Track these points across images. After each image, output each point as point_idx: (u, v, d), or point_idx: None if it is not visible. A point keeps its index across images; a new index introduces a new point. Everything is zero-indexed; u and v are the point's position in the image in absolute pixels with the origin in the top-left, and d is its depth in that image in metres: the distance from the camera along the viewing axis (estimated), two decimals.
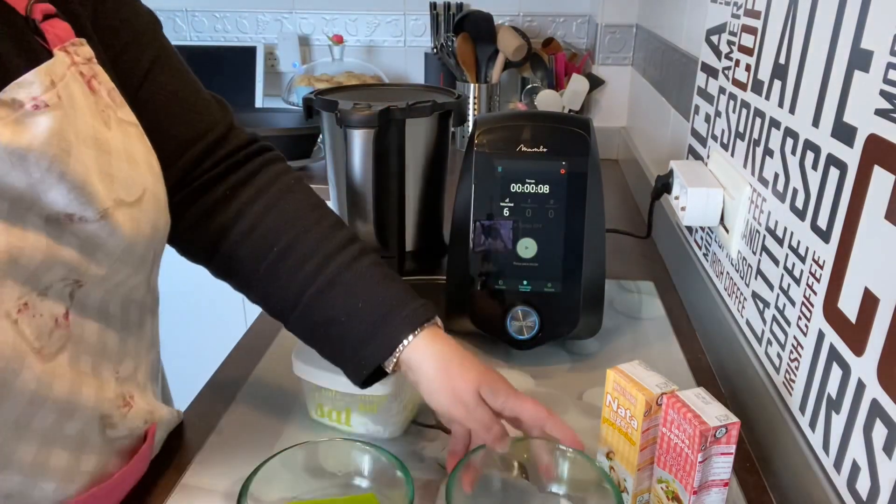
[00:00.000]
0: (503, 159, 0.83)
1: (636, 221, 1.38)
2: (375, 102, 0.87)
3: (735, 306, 0.83)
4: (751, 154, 0.79)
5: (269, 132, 1.66)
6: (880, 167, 0.50)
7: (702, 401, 0.57)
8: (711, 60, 0.97)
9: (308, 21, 2.13)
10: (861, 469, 0.52)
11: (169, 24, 2.17)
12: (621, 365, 0.62)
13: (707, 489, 0.57)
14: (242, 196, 0.66)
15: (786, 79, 0.70)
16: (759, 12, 0.78)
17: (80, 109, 0.49)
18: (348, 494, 0.60)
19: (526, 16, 2.03)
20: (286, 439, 0.72)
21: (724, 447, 0.56)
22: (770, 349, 0.71)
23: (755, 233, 0.77)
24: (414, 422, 0.76)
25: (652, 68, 1.49)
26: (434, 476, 0.68)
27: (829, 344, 0.58)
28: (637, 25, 1.72)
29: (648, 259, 1.20)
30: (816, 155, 0.62)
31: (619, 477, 0.63)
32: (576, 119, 0.86)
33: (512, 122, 0.86)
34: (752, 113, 0.79)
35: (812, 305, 0.61)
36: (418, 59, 2.11)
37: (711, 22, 0.98)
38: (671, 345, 0.91)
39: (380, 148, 0.88)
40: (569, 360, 0.88)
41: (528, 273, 0.84)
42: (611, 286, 1.04)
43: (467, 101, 1.83)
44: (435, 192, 0.98)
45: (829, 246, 0.58)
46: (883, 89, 0.50)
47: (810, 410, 0.61)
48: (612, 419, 0.63)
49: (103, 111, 0.52)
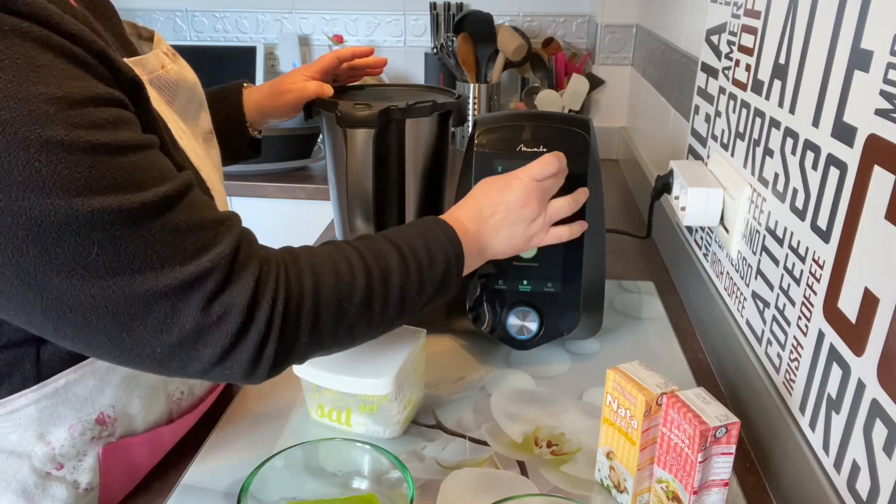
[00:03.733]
0: (503, 159, 0.83)
1: (636, 221, 1.38)
2: (375, 102, 0.87)
3: (735, 306, 0.83)
4: (751, 154, 0.79)
5: (270, 132, 1.65)
6: (880, 167, 0.50)
7: (702, 401, 0.57)
8: (711, 60, 0.97)
9: (308, 21, 2.13)
10: (861, 469, 0.52)
11: (169, 24, 2.17)
12: (621, 365, 0.62)
13: (707, 489, 0.57)
14: None
15: (786, 79, 0.70)
16: (759, 12, 0.78)
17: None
18: (348, 494, 0.60)
19: (526, 16, 2.03)
20: (286, 439, 0.72)
21: (724, 447, 0.56)
22: (770, 349, 0.71)
23: (755, 233, 0.77)
24: (414, 422, 0.76)
25: (652, 68, 1.49)
26: (434, 476, 0.68)
27: (829, 344, 0.58)
28: (637, 25, 1.72)
29: (648, 259, 1.20)
30: (816, 155, 0.62)
31: (620, 477, 0.63)
32: (576, 119, 0.86)
33: (512, 122, 0.86)
34: (752, 113, 0.79)
35: (812, 305, 0.61)
36: (418, 59, 2.11)
37: (711, 22, 0.98)
38: (671, 345, 0.91)
39: (380, 148, 0.88)
40: (569, 360, 0.88)
41: (528, 273, 0.84)
42: (611, 286, 1.04)
43: (467, 101, 1.83)
44: (435, 192, 0.98)
45: (829, 246, 0.58)
46: (883, 89, 0.50)
47: (810, 410, 0.61)
48: (612, 419, 0.63)
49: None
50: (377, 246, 0.62)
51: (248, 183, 1.71)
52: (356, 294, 0.58)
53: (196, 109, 0.71)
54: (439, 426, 0.75)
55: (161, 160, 0.51)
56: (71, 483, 0.61)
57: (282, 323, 0.54)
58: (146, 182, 0.48)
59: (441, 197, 1.02)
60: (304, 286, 0.56)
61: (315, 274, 0.57)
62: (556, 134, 0.84)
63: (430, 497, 0.65)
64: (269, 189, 1.71)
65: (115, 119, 0.47)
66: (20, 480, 0.58)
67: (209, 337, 0.51)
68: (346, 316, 0.58)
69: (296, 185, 1.70)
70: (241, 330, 0.52)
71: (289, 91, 0.91)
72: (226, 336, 0.51)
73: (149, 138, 0.50)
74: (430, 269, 0.64)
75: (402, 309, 0.62)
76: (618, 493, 0.64)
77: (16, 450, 0.57)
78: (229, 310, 0.51)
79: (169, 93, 0.65)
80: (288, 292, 0.54)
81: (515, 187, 0.72)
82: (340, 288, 0.57)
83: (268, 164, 1.73)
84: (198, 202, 0.52)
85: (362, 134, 0.86)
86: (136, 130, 0.50)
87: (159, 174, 0.49)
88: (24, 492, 0.58)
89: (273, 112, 0.93)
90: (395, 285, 0.61)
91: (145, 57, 0.62)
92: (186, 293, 0.49)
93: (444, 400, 0.79)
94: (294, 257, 0.57)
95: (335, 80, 0.98)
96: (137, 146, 0.48)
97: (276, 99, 0.92)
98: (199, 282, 0.50)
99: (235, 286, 0.52)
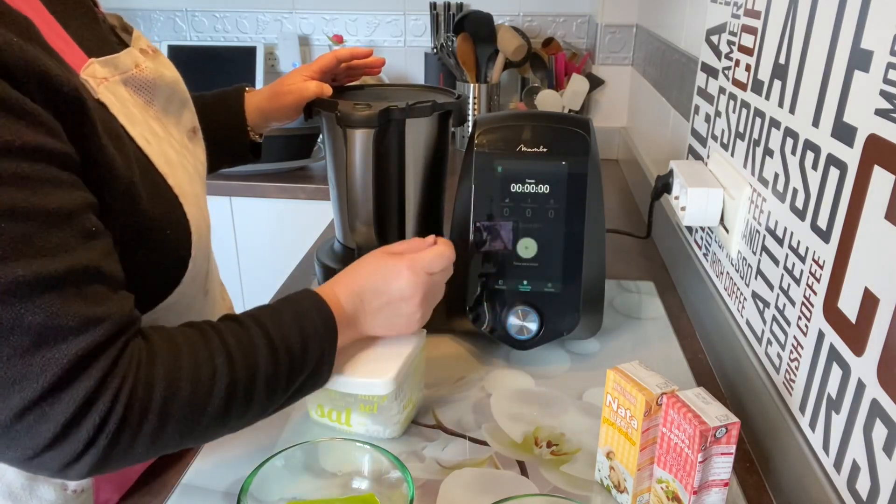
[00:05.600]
0: (503, 159, 0.83)
1: (636, 221, 1.38)
2: (375, 102, 0.87)
3: (735, 306, 0.83)
4: (751, 154, 0.79)
5: (270, 132, 1.65)
6: (880, 167, 0.50)
7: (702, 401, 0.57)
8: (711, 60, 0.97)
9: (308, 21, 2.13)
10: (861, 469, 0.52)
11: (169, 24, 2.17)
12: (621, 365, 0.62)
13: (707, 489, 0.57)
14: None
15: (786, 79, 0.70)
16: (759, 12, 0.78)
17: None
18: (348, 494, 0.60)
19: (526, 16, 2.03)
20: (286, 439, 0.72)
21: (724, 447, 0.56)
22: (770, 349, 0.71)
23: (755, 233, 0.77)
24: (414, 422, 0.76)
25: (652, 68, 1.49)
26: (434, 476, 0.68)
27: (829, 344, 0.58)
28: (637, 25, 1.72)
29: (648, 259, 1.20)
30: (816, 155, 0.62)
31: (620, 477, 0.63)
32: (576, 119, 0.86)
33: (512, 122, 0.86)
34: (752, 113, 0.79)
35: (812, 305, 0.61)
36: (418, 59, 2.11)
37: (711, 22, 0.98)
38: (671, 345, 0.91)
39: (380, 148, 0.88)
40: (569, 360, 0.88)
41: (528, 273, 0.84)
42: (611, 286, 1.04)
43: (467, 101, 1.83)
44: (435, 192, 0.98)
45: (829, 246, 0.58)
46: (883, 89, 0.50)
47: (810, 410, 0.61)
48: (612, 419, 0.63)
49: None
50: (248, 340, 0.57)
51: (248, 183, 1.71)
52: (213, 402, 0.53)
53: (178, 108, 0.70)
54: (439, 426, 0.75)
55: (50, 234, 0.46)
56: (59, 485, 0.60)
57: (109, 441, 0.48)
58: (7, 256, 0.44)
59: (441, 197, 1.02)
60: (152, 400, 0.50)
61: (168, 383, 0.51)
62: (556, 134, 0.84)
63: (430, 497, 0.65)
64: (269, 189, 1.71)
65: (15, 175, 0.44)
66: (6, 482, 0.58)
67: (13, 441, 0.47)
68: (197, 425, 0.53)
69: (296, 185, 1.70)
70: (53, 443, 0.47)
71: (289, 92, 0.91)
72: (33, 445, 0.47)
73: (53, 206, 0.46)
74: (302, 360, 0.60)
75: (264, 407, 0.58)
76: (618, 493, 0.64)
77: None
78: (43, 421, 0.46)
79: (146, 93, 0.63)
80: (126, 410, 0.49)
81: (405, 278, 0.68)
82: (195, 399, 0.52)
83: (268, 164, 1.73)
84: (71, 295, 0.47)
85: (362, 134, 0.86)
86: (42, 193, 0.46)
87: (35, 251, 0.45)
88: (11, 494, 0.58)
89: (275, 114, 0.93)
90: (261, 383, 0.56)
91: (117, 56, 0.60)
92: (2, 392, 0.45)
93: (444, 400, 0.79)
94: (151, 359, 0.51)
95: (334, 81, 0.98)
96: (24, 213, 0.45)
97: (277, 101, 0.92)
98: (19, 384, 0.45)
99: (59, 399, 0.46)
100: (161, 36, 2.18)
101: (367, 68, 0.99)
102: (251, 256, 1.83)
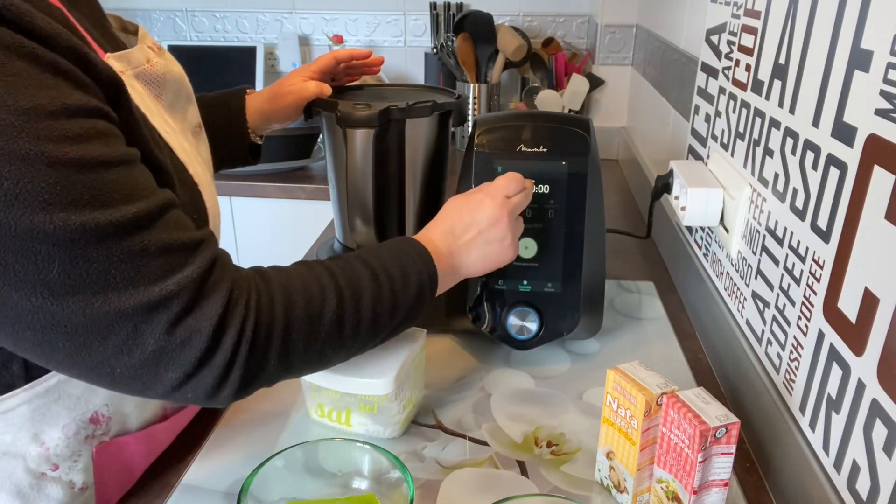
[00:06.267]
0: (503, 159, 0.83)
1: (636, 221, 1.38)
2: (375, 102, 0.87)
3: (735, 306, 0.83)
4: (751, 154, 0.79)
5: (270, 132, 1.65)
6: (880, 167, 0.50)
7: (702, 401, 0.57)
8: (711, 60, 0.97)
9: (308, 21, 2.13)
10: (861, 469, 0.52)
11: (169, 24, 2.17)
12: (621, 365, 0.62)
13: (707, 489, 0.57)
14: None
15: (786, 79, 0.70)
16: (759, 12, 0.78)
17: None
18: (348, 494, 0.60)
19: (526, 16, 2.03)
20: (286, 439, 0.72)
21: (724, 447, 0.56)
22: (770, 349, 0.71)
23: (755, 233, 0.77)
24: (414, 422, 0.76)
25: (652, 68, 1.49)
26: (434, 476, 0.68)
27: (829, 344, 0.58)
28: (637, 25, 1.72)
29: (648, 259, 1.20)
30: (816, 155, 0.62)
31: (620, 477, 0.63)
32: (576, 119, 0.86)
33: (512, 122, 0.86)
34: (752, 113, 0.79)
35: (812, 305, 0.61)
36: (418, 59, 2.11)
37: (711, 22, 0.98)
38: (671, 345, 0.91)
39: (380, 148, 0.88)
40: (569, 360, 0.88)
41: (528, 273, 0.84)
42: (611, 286, 1.04)
43: (467, 101, 1.83)
44: (435, 192, 0.98)
45: (829, 246, 0.58)
46: (883, 89, 0.50)
47: (810, 410, 0.61)
48: (612, 419, 0.63)
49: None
50: (350, 266, 0.61)
51: (248, 183, 1.71)
52: (327, 316, 0.57)
53: (184, 103, 0.71)
54: (439, 426, 0.75)
55: (136, 177, 0.50)
56: (66, 483, 0.60)
57: (249, 349, 0.53)
58: (115, 200, 0.47)
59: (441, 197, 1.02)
60: (275, 310, 0.55)
61: (286, 297, 0.56)
62: (556, 134, 0.84)
63: (430, 497, 0.65)
64: (269, 189, 1.71)
65: (87, 132, 0.46)
66: (15, 481, 0.58)
67: (172, 361, 0.50)
68: (317, 339, 0.57)
69: (296, 185, 1.70)
70: (206, 355, 0.51)
71: (289, 93, 0.91)
72: (189, 361, 0.50)
73: (124, 153, 0.49)
74: (404, 291, 0.63)
75: (375, 330, 0.62)
76: (618, 493, 0.64)
77: (10, 450, 0.57)
78: (194, 334, 0.50)
79: (156, 87, 0.65)
80: (258, 317, 0.53)
81: (487, 206, 0.72)
82: (311, 311, 0.57)
83: (268, 164, 1.73)
84: (172, 223, 0.51)
85: (362, 134, 0.86)
86: (112, 144, 0.48)
87: (131, 192, 0.48)
88: (19, 492, 0.58)
89: (275, 115, 0.93)
90: (367, 307, 0.60)
91: (131, 51, 0.62)
92: (150, 316, 0.48)
93: (444, 400, 0.79)
94: (265, 279, 0.56)
95: (333, 81, 0.98)
96: (109, 162, 0.47)
97: (277, 102, 0.92)
98: (164, 305, 0.49)
99: (202, 310, 0.50)
100: (161, 36, 2.18)
101: (366, 67, 0.99)
102: (251, 256, 1.83)
